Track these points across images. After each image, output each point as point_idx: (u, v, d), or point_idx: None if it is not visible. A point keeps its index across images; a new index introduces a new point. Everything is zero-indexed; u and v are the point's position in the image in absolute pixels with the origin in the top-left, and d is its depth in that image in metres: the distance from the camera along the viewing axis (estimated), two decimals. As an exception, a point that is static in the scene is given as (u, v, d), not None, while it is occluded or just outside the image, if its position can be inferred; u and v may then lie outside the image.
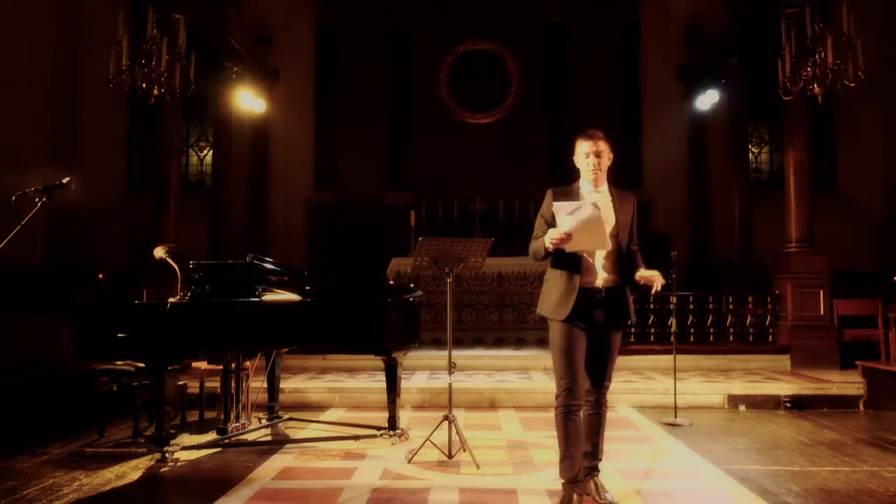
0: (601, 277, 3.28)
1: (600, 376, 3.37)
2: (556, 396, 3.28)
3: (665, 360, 7.10)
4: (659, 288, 3.25)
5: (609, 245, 3.20)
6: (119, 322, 4.42)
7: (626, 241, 3.32)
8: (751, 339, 7.98)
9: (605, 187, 3.40)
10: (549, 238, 3.14)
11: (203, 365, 5.38)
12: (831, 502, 3.49)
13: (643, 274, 3.26)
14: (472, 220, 10.49)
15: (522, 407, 5.98)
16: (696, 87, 11.16)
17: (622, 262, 3.30)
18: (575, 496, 3.23)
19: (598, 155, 3.34)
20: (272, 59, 11.59)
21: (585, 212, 3.04)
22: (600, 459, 3.46)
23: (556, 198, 3.30)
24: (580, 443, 3.28)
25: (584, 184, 3.40)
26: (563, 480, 3.27)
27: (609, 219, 3.27)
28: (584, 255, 3.25)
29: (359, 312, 4.78)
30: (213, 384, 5.61)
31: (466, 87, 11.86)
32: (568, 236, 3.09)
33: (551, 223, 3.23)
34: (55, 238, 9.62)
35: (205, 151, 12.18)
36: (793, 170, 7.94)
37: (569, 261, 3.24)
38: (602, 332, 3.31)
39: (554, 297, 3.28)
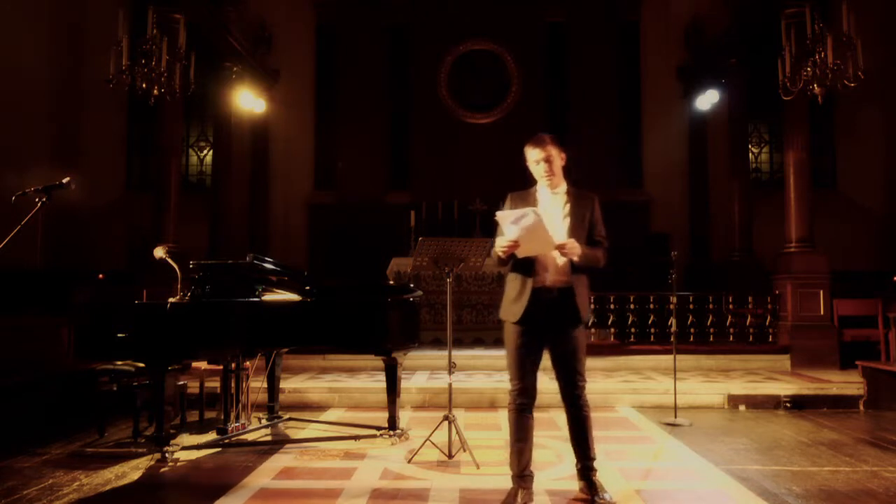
0: (553, 277, 3.29)
1: (570, 375, 3.35)
2: (509, 393, 3.34)
3: (665, 359, 7.11)
4: (574, 257, 3.18)
5: (554, 253, 3.20)
6: (119, 322, 4.42)
7: (580, 239, 3.26)
8: (751, 339, 7.99)
9: (562, 188, 3.41)
10: (498, 247, 3.20)
11: (203, 365, 5.38)
12: (831, 502, 3.49)
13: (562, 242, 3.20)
14: (472, 220, 10.49)
15: (522, 407, 5.97)
16: (696, 87, 11.17)
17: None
18: (521, 490, 3.27)
19: (547, 161, 3.34)
20: (272, 59, 11.60)
21: (528, 220, 3.09)
22: (594, 458, 3.42)
23: (514, 202, 3.37)
24: (529, 438, 3.33)
25: (542, 187, 3.41)
26: (511, 474, 3.33)
27: (561, 219, 3.30)
28: (538, 256, 3.27)
29: (359, 312, 4.78)
30: (213, 384, 5.61)
31: (466, 87, 11.87)
32: (515, 244, 3.14)
33: None
34: (55, 238, 9.62)
35: (205, 151, 12.18)
36: (793, 170, 7.94)
37: (522, 264, 3.29)
38: (559, 332, 3.31)
39: (509, 298, 3.33)
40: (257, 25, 11.32)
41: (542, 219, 3.10)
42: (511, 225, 3.12)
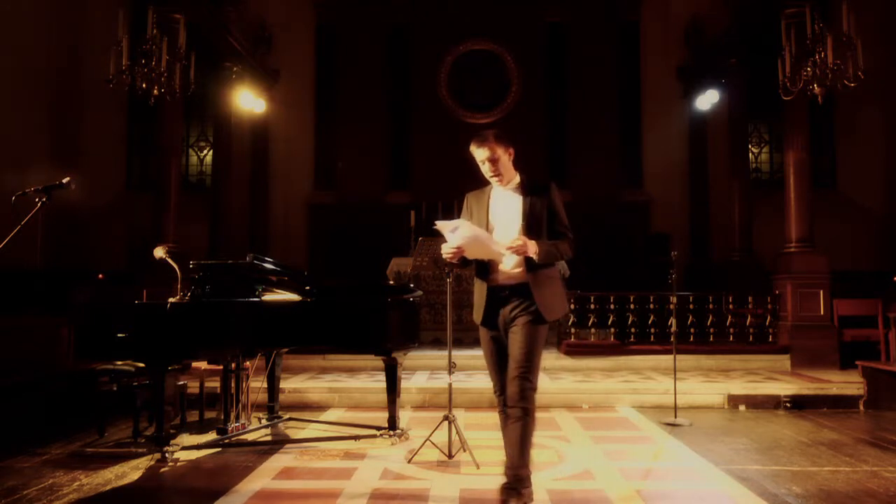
0: (507, 275, 3.21)
1: (514, 370, 3.12)
2: (494, 395, 3.33)
3: (665, 359, 7.11)
4: (531, 255, 3.06)
5: (501, 255, 3.12)
6: (119, 322, 4.42)
7: (539, 234, 3.15)
8: (751, 339, 7.98)
9: (514, 182, 3.32)
10: (444, 254, 3.17)
11: (203, 365, 5.38)
12: (831, 502, 3.49)
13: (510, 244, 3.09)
14: (473, 220, 10.47)
15: (522, 407, 5.98)
16: (696, 87, 11.17)
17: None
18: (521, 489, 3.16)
19: (492, 160, 3.27)
20: (272, 59, 11.60)
21: (463, 231, 3.10)
22: (526, 473, 3.12)
23: (469, 201, 3.40)
24: None
25: (495, 184, 3.36)
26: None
27: (515, 215, 3.23)
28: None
29: (359, 313, 4.78)
30: (213, 384, 5.62)
31: (466, 87, 11.88)
32: (459, 250, 3.13)
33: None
34: (55, 238, 9.62)
35: (205, 151, 12.19)
36: (793, 170, 7.94)
37: (481, 266, 3.28)
38: (512, 327, 3.17)
39: (475, 302, 3.33)
40: (257, 25, 11.32)
41: (474, 230, 3.11)
42: (450, 234, 3.13)
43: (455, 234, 3.13)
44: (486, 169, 3.31)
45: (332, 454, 4.47)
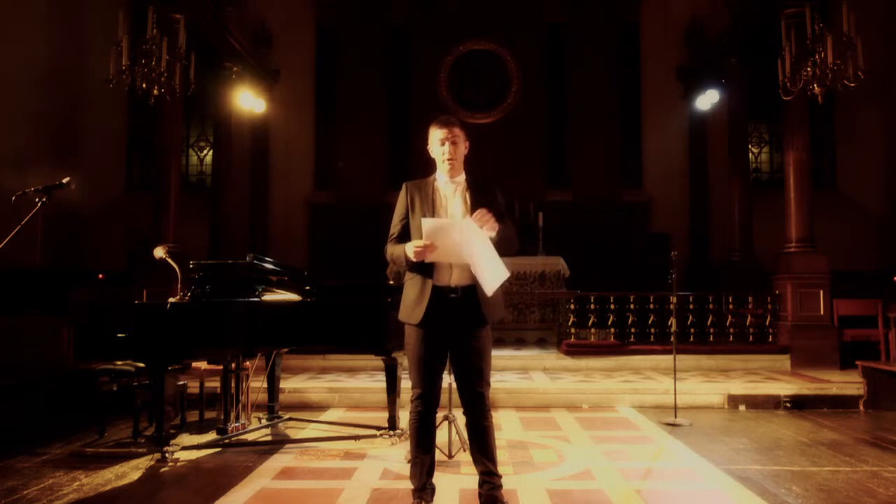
0: (455, 276, 3.06)
1: (470, 381, 3.12)
2: (411, 401, 3.16)
3: (665, 360, 7.11)
4: (490, 230, 2.93)
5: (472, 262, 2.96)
6: (119, 322, 4.42)
7: None
8: (751, 339, 7.98)
9: (461, 178, 3.22)
10: (410, 251, 3.00)
11: (203, 365, 5.38)
12: (831, 502, 3.49)
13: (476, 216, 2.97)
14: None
15: (522, 407, 5.98)
16: (696, 87, 11.17)
17: None
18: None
19: (453, 142, 3.16)
20: (272, 59, 11.61)
21: (452, 228, 2.94)
22: (499, 475, 3.12)
23: (410, 191, 3.23)
24: (431, 449, 3.20)
25: (440, 175, 3.23)
26: (412, 487, 3.19)
27: (461, 211, 3.12)
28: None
29: (359, 312, 4.77)
30: (213, 384, 5.61)
31: (466, 87, 11.88)
32: (431, 246, 2.95)
33: (406, 220, 3.17)
34: (55, 238, 9.61)
35: (205, 151, 12.19)
36: (793, 170, 7.94)
37: (422, 264, 3.06)
38: (462, 334, 3.09)
39: (409, 300, 3.11)
40: (257, 25, 11.34)
41: (468, 230, 2.91)
42: (434, 231, 2.94)
43: (433, 234, 2.92)
44: (444, 150, 3.16)
45: (332, 454, 4.47)
